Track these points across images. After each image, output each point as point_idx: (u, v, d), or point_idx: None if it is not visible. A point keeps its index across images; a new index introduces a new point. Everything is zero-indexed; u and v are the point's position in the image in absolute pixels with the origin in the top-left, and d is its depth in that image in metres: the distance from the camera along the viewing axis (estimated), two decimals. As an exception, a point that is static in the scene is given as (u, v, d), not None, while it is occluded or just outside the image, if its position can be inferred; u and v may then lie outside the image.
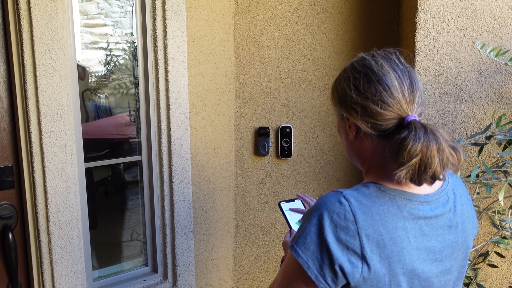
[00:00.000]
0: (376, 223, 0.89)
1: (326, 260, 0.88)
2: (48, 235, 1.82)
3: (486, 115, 1.86)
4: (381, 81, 0.95)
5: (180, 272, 2.24)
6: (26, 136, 1.75)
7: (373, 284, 0.90)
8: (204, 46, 2.19)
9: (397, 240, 0.91)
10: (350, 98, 0.99)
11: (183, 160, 2.18)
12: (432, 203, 0.97)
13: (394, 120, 0.95)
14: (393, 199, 0.93)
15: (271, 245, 2.46)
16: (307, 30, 2.24)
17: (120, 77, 2.13)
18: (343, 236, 0.88)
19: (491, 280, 1.95)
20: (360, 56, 1.04)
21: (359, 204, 0.90)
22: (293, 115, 2.33)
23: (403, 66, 0.99)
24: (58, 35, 1.73)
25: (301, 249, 0.90)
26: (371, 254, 0.88)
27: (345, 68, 1.05)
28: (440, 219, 0.97)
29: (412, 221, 0.93)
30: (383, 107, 0.94)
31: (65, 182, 1.83)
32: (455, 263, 1.01)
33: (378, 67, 0.97)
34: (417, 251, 0.93)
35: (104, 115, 2.18)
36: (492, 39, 1.81)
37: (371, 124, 0.96)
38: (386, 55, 1.00)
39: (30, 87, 1.71)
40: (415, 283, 0.94)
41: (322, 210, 0.91)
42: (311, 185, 2.38)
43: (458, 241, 1.01)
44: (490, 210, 1.80)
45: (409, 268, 0.92)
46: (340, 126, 1.10)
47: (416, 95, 0.97)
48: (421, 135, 0.89)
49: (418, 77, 1.00)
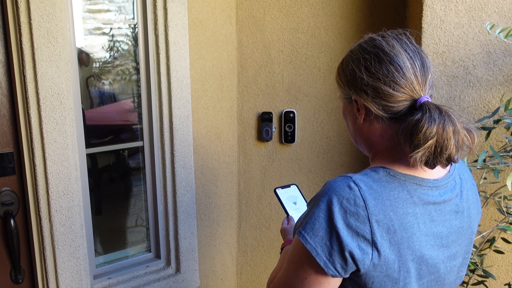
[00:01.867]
0: (386, 208, 0.87)
1: (335, 247, 0.86)
2: (50, 221, 1.81)
3: (494, 98, 1.82)
4: (393, 61, 0.92)
5: (183, 258, 2.24)
6: (26, 122, 1.73)
7: (383, 271, 0.88)
8: (206, 30, 2.16)
9: (407, 226, 0.89)
10: (360, 79, 0.96)
11: (185, 145, 2.16)
12: (440, 188, 0.95)
13: (406, 101, 0.92)
14: (403, 184, 0.91)
15: (275, 231, 2.45)
16: (311, 12, 2.19)
17: (123, 63, 2.11)
18: (353, 222, 0.86)
19: (497, 266, 1.93)
20: (369, 36, 1.00)
21: (369, 189, 0.88)
22: (297, 100, 2.29)
23: (414, 47, 0.97)
24: (56, 18, 1.70)
25: (309, 235, 0.88)
26: (381, 240, 0.86)
27: (352, 49, 1.02)
28: (447, 205, 0.96)
29: (422, 207, 0.92)
30: (395, 88, 0.91)
31: (66, 168, 1.81)
32: (460, 248, 1.00)
33: (390, 47, 0.94)
34: (425, 237, 0.92)
35: (109, 101, 2.16)
36: (502, 20, 1.76)
37: (383, 106, 0.94)
38: (397, 35, 0.98)
39: (29, 72, 1.68)
40: (423, 269, 0.93)
41: (331, 195, 0.88)
42: (315, 170, 2.35)
43: (463, 226, 1.00)
44: (497, 195, 1.77)
45: (418, 254, 0.91)
46: (346, 109, 1.06)
47: (428, 76, 0.94)
48: (436, 117, 0.87)
49: (428, 58, 0.97)
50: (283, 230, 1.33)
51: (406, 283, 0.91)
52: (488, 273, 1.74)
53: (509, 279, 1.93)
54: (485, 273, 1.75)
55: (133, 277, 2.14)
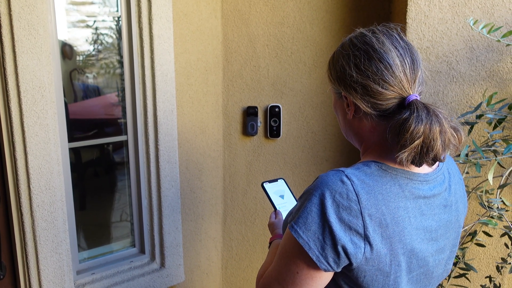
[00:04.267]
0: (379, 202, 0.87)
1: (328, 241, 0.86)
2: (32, 217, 1.79)
3: (477, 93, 1.84)
4: (383, 59, 0.92)
5: (168, 253, 2.23)
6: (6, 115, 1.70)
7: (375, 265, 0.88)
8: (191, 23, 2.14)
9: (399, 220, 0.89)
10: (349, 76, 0.95)
11: (170, 140, 2.14)
12: (430, 182, 0.96)
13: (395, 99, 0.92)
14: (395, 178, 0.92)
15: (260, 225, 2.45)
16: (296, 6, 2.18)
17: (107, 56, 2.08)
18: (345, 216, 0.85)
19: (479, 259, 1.96)
20: (359, 31, 0.99)
21: (362, 184, 0.88)
22: (282, 94, 2.29)
23: (404, 43, 0.96)
24: (37, 9, 1.67)
25: (301, 230, 0.88)
26: (374, 234, 0.86)
27: (343, 44, 1.01)
28: (437, 199, 0.96)
29: (413, 201, 0.92)
30: (384, 86, 0.91)
31: (48, 162, 1.79)
32: (448, 242, 1.01)
33: (379, 44, 0.93)
34: (416, 231, 0.92)
35: (93, 95, 2.13)
36: (485, 16, 1.77)
37: (371, 104, 0.94)
38: (387, 31, 0.97)
39: (9, 64, 1.65)
40: (413, 262, 0.94)
41: (324, 189, 0.87)
42: (300, 165, 2.35)
43: (451, 220, 1.01)
44: (479, 190, 1.79)
45: (409, 248, 0.91)
46: (337, 104, 1.06)
47: (418, 73, 0.94)
48: (424, 116, 0.87)
49: (419, 55, 0.97)
50: (271, 224, 1.32)
51: (397, 276, 0.92)
52: (469, 266, 1.76)
53: (490, 272, 1.96)
54: (467, 266, 1.77)
55: (117, 272, 2.12)
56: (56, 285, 1.90)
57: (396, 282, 0.92)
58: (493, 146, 1.69)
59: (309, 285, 0.90)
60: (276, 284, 0.94)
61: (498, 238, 1.91)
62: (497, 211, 1.67)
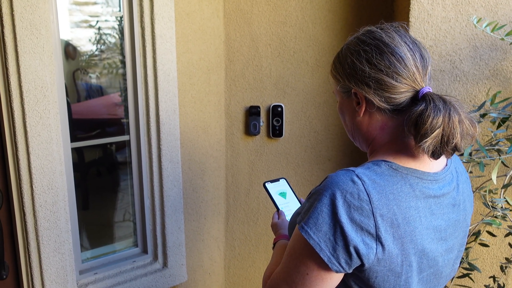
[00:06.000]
0: (390, 202, 0.87)
1: (340, 242, 0.85)
2: (34, 217, 1.79)
3: (481, 92, 1.83)
4: (395, 52, 0.92)
5: (170, 253, 2.23)
6: (9, 115, 1.70)
7: (386, 265, 0.87)
8: (193, 23, 2.13)
9: (410, 220, 0.89)
10: (361, 71, 0.95)
11: (172, 140, 2.14)
12: (440, 181, 0.95)
13: (408, 93, 0.93)
14: (406, 178, 0.91)
15: (263, 225, 2.45)
16: (298, 6, 2.18)
17: (110, 56, 2.08)
18: (357, 217, 0.84)
19: (482, 259, 1.95)
20: (366, 29, 1.00)
21: (373, 183, 0.87)
22: (285, 94, 2.29)
23: (412, 39, 0.97)
24: (39, 9, 1.67)
25: (312, 230, 0.86)
26: (386, 235, 0.86)
27: (348, 42, 1.01)
28: (446, 198, 0.96)
29: (423, 200, 0.92)
30: (398, 79, 0.91)
31: (50, 162, 1.79)
32: (456, 241, 1.01)
33: (390, 38, 0.94)
34: (426, 231, 0.92)
35: (96, 95, 2.13)
36: (488, 14, 1.76)
37: (385, 98, 0.94)
38: (395, 27, 0.98)
39: (11, 64, 1.65)
40: (424, 262, 0.93)
41: (334, 189, 0.86)
42: (303, 164, 2.35)
43: (459, 219, 1.00)
44: (483, 189, 1.78)
45: (420, 248, 0.91)
46: (344, 104, 1.05)
47: (428, 67, 0.95)
48: (441, 107, 0.87)
49: (427, 51, 0.98)
50: (274, 224, 1.30)
51: (408, 276, 0.91)
52: (473, 266, 1.75)
53: (493, 272, 1.95)
54: (470, 266, 1.76)
55: (120, 272, 2.12)
56: (59, 285, 1.90)
57: (407, 283, 0.92)
58: (497, 145, 1.68)
59: (319, 286, 0.89)
60: (284, 286, 0.93)
61: (502, 238, 1.90)
62: (501, 211, 1.66)
